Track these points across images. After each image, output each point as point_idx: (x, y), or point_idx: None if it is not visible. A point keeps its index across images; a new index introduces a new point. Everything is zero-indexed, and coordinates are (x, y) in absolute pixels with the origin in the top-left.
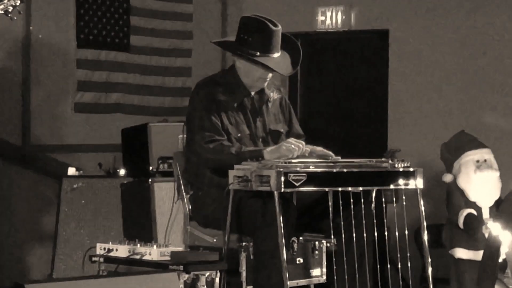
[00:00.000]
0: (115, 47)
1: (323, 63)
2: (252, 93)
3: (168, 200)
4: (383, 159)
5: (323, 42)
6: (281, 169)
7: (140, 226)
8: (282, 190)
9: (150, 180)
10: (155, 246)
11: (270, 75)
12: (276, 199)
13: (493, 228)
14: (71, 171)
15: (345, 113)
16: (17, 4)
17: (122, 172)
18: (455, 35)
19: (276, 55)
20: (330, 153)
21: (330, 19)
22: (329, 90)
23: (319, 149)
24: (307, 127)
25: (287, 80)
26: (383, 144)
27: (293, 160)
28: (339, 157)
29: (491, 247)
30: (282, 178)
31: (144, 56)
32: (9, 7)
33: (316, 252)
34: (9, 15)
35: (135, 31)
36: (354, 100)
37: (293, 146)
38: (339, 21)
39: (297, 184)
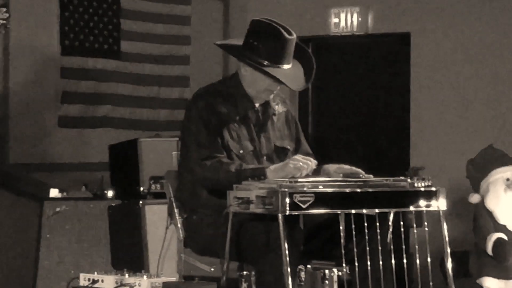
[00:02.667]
0: (104, 54)
1: (336, 72)
2: (257, 105)
3: (161, 225)
4: (402, 177)
5: (336, 47)
6: (286, 189)
7: (129, 254)
8: (287, 212)
9: (140, 202)
10: (145, 277)
11: (278, 87)
12: (281, 222)
13: None
14: (54, 192)
15: (362, 127)
16: (5, 16)
17: (110, 193)
18: (485, 39)
19: (287, 66)
20: (360, 170)
21: (345, 21)
22: (343, 102)
23: (347, 167)
24: (319, 144)
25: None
26: (405, 161)
27: (300, 179)
28: (371, 176)
29: None
30: (287, 199)
31: (136, 64)
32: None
33: (326, 281)
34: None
35: (126, 36)
36: (372, 112)
37: (301, 163)
38: (355, 24)
39: (304, 206)
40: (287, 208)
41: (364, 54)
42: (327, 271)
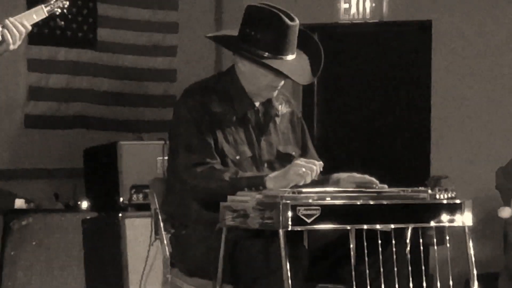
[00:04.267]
0: (78, 44)
1: (346, 65)
2: (257, 105)
3: (143, 241)
4: (422, 188)
5: (347, 36)
6: (288, 201)
7: (107, 274)
8: (290, 228)
9: (120, 215)
10: None
11: (281, 82)
12: (282, 239)
13: None
14: (19, 203)
15: (375, 129)
16: (65, 5)
17: (84, 204)
18: None
19: (290, 57)
20: (374, 180)
21: (356, 7)
22: (354, 100)
23: (359, 175)
24: (326, 148)
25: (300, 86)
26: (425, 169)
27: (304, 189)
28: (386, 186)
29: None
30: (290, 213)
31: (115, 55)
32: (56, 9)
33: None
34: (57, 19)
35: (104, 22)
36: (386, 111)
37: (303, 169)
38: (368, 10)
39: (309, 221)
40: (290, 223)
41: (378, 44)
42: None
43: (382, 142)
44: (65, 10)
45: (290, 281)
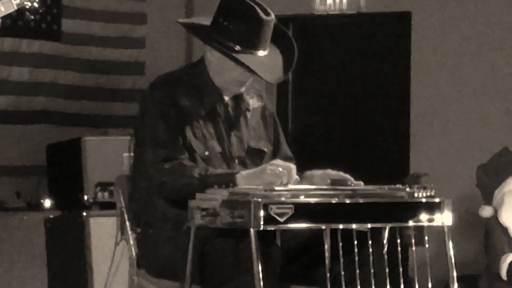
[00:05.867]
0: (41, 35)
1: (322, 58)
2: (226, 99)
3: (109, 241)
4: (399, 185)
5: (322, 29)
6: (260, 199)
7: (71, 275)
8: (261, 227)
9: (84, 213)
10: None
11: (250, 78)
12: (253, 239)
13: None
14: None
15: (353, 125)
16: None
17: (47, 203)
18: (500, 20)
19: (262, 53)
20: (349, 177)
21: None
22: (330, 95)
23: (334, 173)
24: (301, 145)
25: None
26: (404, 166)
27: (277, 187)
28: (361, 183)
29: None
30: (261, 212)
31: (81, 47)
32: (26, 2)
33: None
34: (26, 12)
35: (68, 13)
36: (364, 107)
37: (280, 169)
38: (344, 1)
39: (281, 220)
40: (261, 222)
41: (355, 37)
42: None
43: (359, 138)
44: (35, 4)
45: (261, 282)
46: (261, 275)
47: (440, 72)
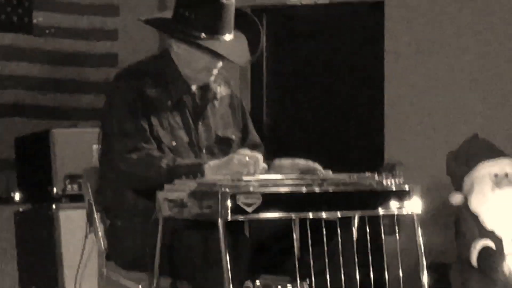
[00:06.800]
0: (12, 28)
1: (295, 48)
2: (193, 88)
3: (79, 233)
4: (367, 174)
5: (295, 19)
6: (227, 190)
7: (41, 269)
8: (229, 218)
9: (54, 206)
10: None
11: (219, 64)
12: (221, 230)
13: None
14: None
15: (328, 115)
16: None
17: (17, 196)
18: (475, 6)
19: (228, 37)
20: (318, 166)
21: None
22: (304, 84)
23: (302, 162)
24: (276, 134)
25: (248, 70)
26: (379, 155)
27: (245, 178)
28: (330, 172)
29: None
30: (229, 202)
31: (53, 40)
32: None
33: None
34: None
35: (40, 5)
36: (338, 96)
37: (247, 158)
38: None
39: (249, 210)
40: (229, 213)
41: (328, 27)
42: None
43: (334, 128)
44: None
45: (230, 273)
46: (229, 266)
47: (414, 60)
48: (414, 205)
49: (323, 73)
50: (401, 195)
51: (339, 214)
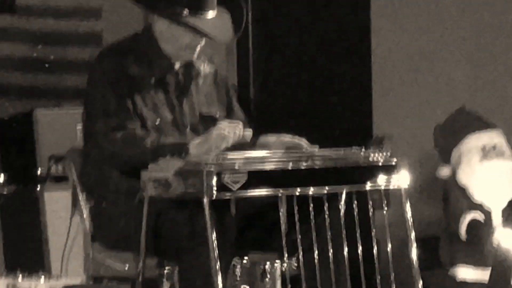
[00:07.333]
0: None
1: (282, 22)
2: (177, 66)
3: (64, 215)
4: (354, 148)
5: None
6: (212, 168)
7: (27, 251)
8: (214, 196)
9: (38, 188)
10: (42, 279)
11: (202, 42)
12: (206, 208)
13: (506, 238)
14: None
15: (314, 88)
16: None
17: (1, 178)
18: None
19: (211, 14)
20: (303, 142)
21: None
22: (292, 60)
23: (288, 138)
24: (264, 111)
25: (234, 46)
26: (367, 129)
27: (230, 155)
28: (316, 147)
29: (503, 263)
30: (214, 180)
31: (35, 19)
32: None
33: (268, 277)
34: None
35: None
36: (325, 70)
37: (226, 131)
38: None
39: (235, 188)
40: (214, 191)
41: (315, 2)
42: (268, 265)
43: (321, 103)
44: None
45: (217, 251)
46: (216, 245)
47: (401, 33)
48: (401, 179)
49: (309, 48)
50: (388, 169)
51: (326, 189)
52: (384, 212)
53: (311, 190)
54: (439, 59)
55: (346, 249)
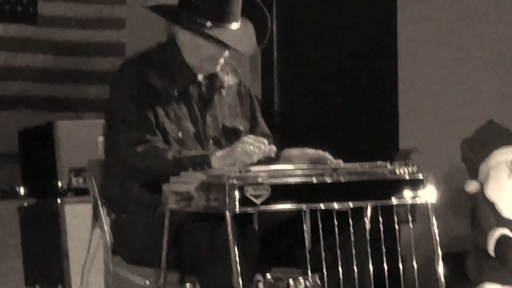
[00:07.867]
0: (17, 18)
1: (307, 31)
2: (200, 78)
3: (85, 228)
4: (379, 162)
5: (307, 4)
6: (235, 181)
7: (47, 264)
8: (237, 210)
9: (59, 200)
10: None
11: (225, 53)
12: (229, 222)
13: None
14: None
15: (341, 102)
16: None
17: (21, 191)
18: None
19: (234, 25)
20: (328, 155)
21: None
22: (317, 71)
23: (312, 151)
24: (288, 121)
25: (259, 57)
26: (393, 142)
27: (253, 168)
28: (341, 161)
29: None
30: (237, 194)
31: (58, 30)
32: None
33: None
34: None
35: None
36: (352, 83)
37: (251, 147)
38: None
39: (258, 202)
40: (237, 205)
41: (340, 10)
42: (291, 281)
43: (347, 116)
44: None
45: (239, 266)
46: (238, 259)
47: (428, 46)
48: (428, 194)
49: (335, 60)
50: (414, 184)
51: (351, 204)
52: (410, 227)
53: (335, 205)
54: (466, 72)
55: (371, 265)
